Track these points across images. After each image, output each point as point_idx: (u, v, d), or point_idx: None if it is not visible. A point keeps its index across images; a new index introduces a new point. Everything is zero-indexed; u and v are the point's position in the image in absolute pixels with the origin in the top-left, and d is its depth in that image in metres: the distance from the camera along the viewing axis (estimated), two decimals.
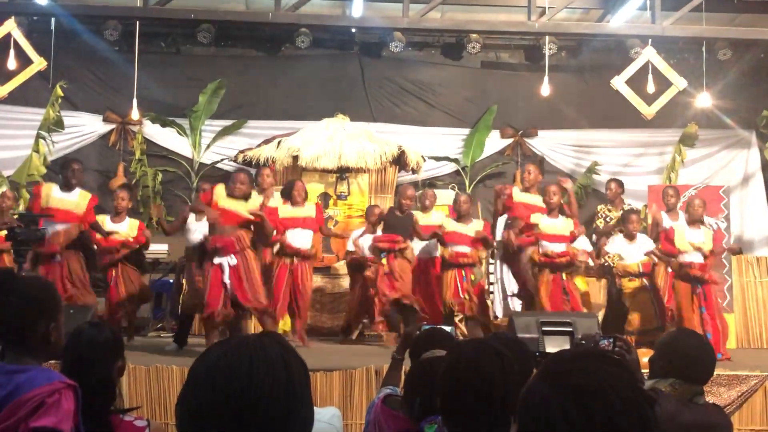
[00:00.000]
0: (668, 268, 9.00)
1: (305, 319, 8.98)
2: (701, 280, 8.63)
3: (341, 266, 10.36)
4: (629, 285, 9.17)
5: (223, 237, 7.57)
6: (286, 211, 8.79)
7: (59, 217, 8.09)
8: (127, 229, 8.85)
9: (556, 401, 1.40)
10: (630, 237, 9.20)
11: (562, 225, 8.68)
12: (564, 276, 8.55)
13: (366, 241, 9.36)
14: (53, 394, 2.38)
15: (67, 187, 8.34)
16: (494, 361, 2.31)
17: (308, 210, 9.01)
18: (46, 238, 7.97)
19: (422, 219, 9.43)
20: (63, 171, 8.50)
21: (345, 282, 10.11)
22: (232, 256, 7.54)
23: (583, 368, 1.44)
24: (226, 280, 7.49)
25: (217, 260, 7.53)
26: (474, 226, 9.23)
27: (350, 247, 9.57)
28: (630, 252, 9.18)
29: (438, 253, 9.47)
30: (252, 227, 7.79)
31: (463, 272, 9.08)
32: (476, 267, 9.19)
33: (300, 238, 8.79)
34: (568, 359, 1.50)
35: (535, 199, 9.21)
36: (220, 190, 7.77)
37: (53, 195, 8.21)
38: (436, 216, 9.65)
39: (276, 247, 8.83)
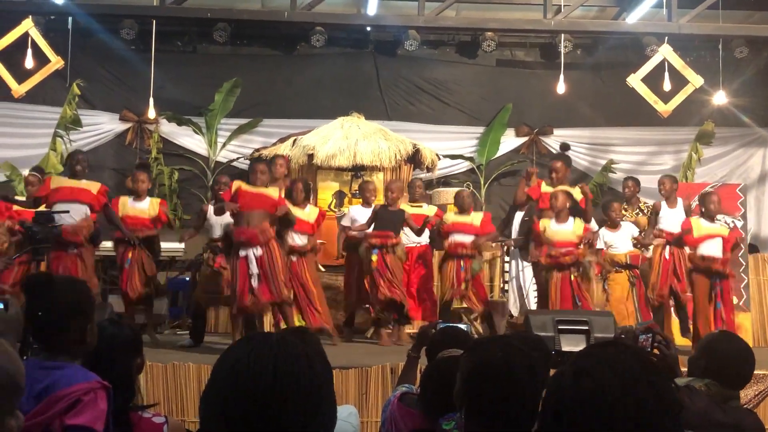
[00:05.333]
0: (665, 252, 8.93)
1: (325, 314, 8.88)
2: (722, 275, 8.58)
3: None
4: (614, 276, 9.09)
5: (247, 229, 7.57)
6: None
7: (71, 196, 8.07)
8: (148, 207, 8.84)
9: (559, 379, 1.46)
10: (613, 225, 9.17)
11: (571, 229, 8.57)
12: (572, 277, 8.43)
13: (359, 214, 9.34)
14: (89, 393, 2.41)
15: (74, 176, 8.34)
16: (523, 362, 2.29)
17: (309, 214, 8.95)
18: (67, 228, 7.99)
19: (409, 209, 9.42)
20: (69, 162, 8.55)
21: None
22: (258, 247, 7.55)
23: (593, 353, 1.51)
24: (254, 271, 7.50)
25: (242, 252, 7.55)
26: (475, 217, 9.24)
27: (345, 222, 9.46)
28: (615, 241, 9.13)
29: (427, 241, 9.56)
30: (276, 217, 7.80)
31: (462, 263, 9.07)
32: (476, 259, 9.17)
33: (296, 238, 8.71)
34: (591, 346, 1.57)
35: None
36: (238, 184, 7.79)
37: (60, 179, 8.33)
38: (427, 208, 9.62)
39: None
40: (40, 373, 2.45)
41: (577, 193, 9.09)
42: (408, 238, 9.39)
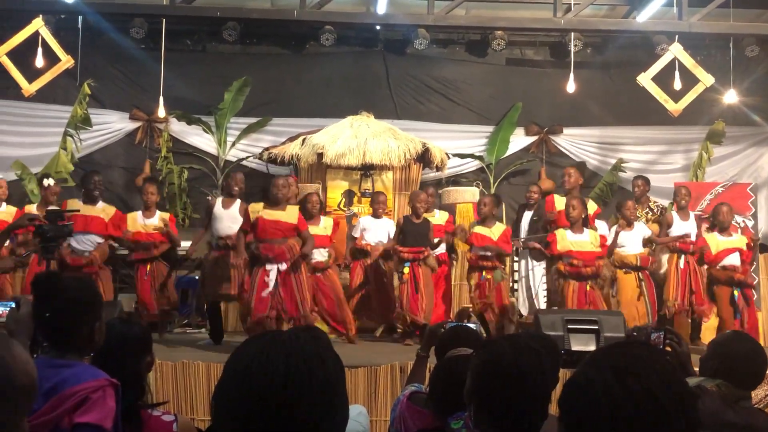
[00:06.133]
0: (680, 262, 8.98)
1: (349, 323, 8.94)
2: (743, 284, 8.64)
3: None
4: (624, 277, 9.08)
5: (274, 246, 7.63)
6: None
7: (84, 227, 8.10)
8: (158, 222, 8.89)
9: (600, 381, 1.47)
10: (627, 224, 9.15)
11: (589, 240, 8.58)
12: (588, 287, 8.48)
13: (369, 225, 9.42)
14: (98, 391, 2.43)
15: (90, 199, 8.42)
16: (533, 359, 2.30)
17: (323, 227, 8.99)
18: (83, 259, 8.03)
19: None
20: (85, 185, 8.56)
21: None
22: (283, 263, 7.61)
23: (625, 353, 1.54)
24: (271, 285, 7.53)
25: (268, 266, 7.60)
26: (495, 231, 9.21)
27: (356, 233, 9.54)
28: (627, 240, 9.12)
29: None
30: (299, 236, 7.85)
31: (484, 273, 9.10)
32: (497, 269, 9.18)
33: (317, 254, 8.70)
34: (612, 347, 1.60)
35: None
36: (255, 207, 7.81)
37: (77, 205, 8.24)
38: (439, 216, 9.77)
39: None
40: (48, 371, 2.47)
41: (592, 205, 9.22)
42: None
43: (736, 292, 8.66)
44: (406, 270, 8.95)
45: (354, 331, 8.93)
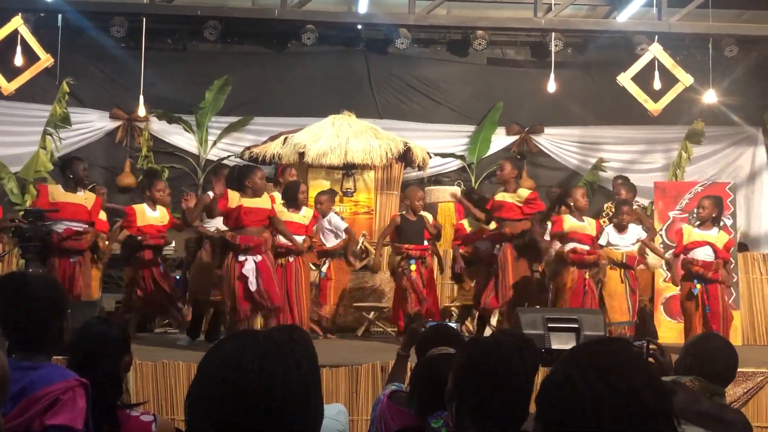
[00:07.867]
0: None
1: (306, 315, 8.87)
2: (704, 279, 8.55)
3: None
4: (610, 272, 9.13)
5: (253, 237, 7.57)
6: (283, 213, 8.57)
7: (68, 214, 7.93)
8: (160, 215, 8.83)
9: (582, 379, 1.46)
10: (620, 228, 9.17)
11: (588, 225, 8.66)
12: (587, 276, 8.51)
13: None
14: (67, 392, 2.41)
15: (73, 187, 8.09)
16: (514, 359, 2.31)
17: (303, 215, 8.90)
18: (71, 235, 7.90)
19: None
20: (67, 170, 8.18)
21: (366, 277, 10.19)
22: (258, 255, 7.57)
23: (604, 350, 1.53)
24: (251, 277, 7.49)
25: (242, 257, 7.53)
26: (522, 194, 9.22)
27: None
28: (620, 242, 9.17)
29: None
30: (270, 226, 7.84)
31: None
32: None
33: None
34: (590, 344, 1.60)
35: (509, 197, 8.69)
36: (233, 195, 7.67)
37: (59, 192, 7.99)
38: (425, 216, 9.75)
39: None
40: (15, 374, 2.45)
41: (523, 192, 8.64)
42: None
43: (698, 286, 8.60)
44: (413, 267, 8.80)
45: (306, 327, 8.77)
